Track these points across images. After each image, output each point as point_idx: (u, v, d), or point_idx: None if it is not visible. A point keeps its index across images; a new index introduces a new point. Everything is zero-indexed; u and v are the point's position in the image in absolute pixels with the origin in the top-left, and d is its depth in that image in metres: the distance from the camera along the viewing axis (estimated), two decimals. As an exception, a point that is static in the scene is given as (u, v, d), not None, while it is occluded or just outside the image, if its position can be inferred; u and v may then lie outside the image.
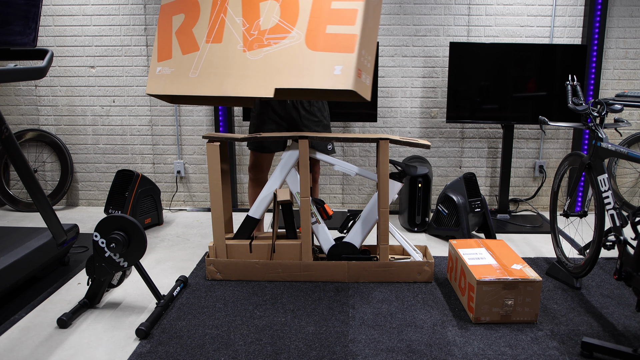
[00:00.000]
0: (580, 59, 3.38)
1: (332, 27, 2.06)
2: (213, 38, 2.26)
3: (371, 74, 2.10)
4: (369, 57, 2.07)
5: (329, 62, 2.02)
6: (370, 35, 2.09)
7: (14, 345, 2.03)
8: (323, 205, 2.64)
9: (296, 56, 2.07)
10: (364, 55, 2.03)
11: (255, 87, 2.09)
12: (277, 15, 2.17)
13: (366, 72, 2.06)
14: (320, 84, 2.01)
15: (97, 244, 2.17)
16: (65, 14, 3.76)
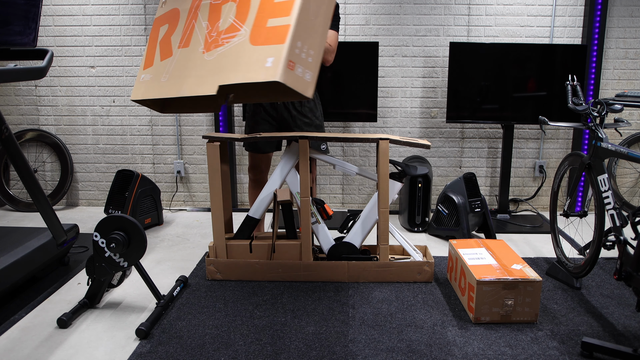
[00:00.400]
0: (580, 59, 3.38)
1: (272, 20, 2.02)
2: (184, 43, 2.29)
3: (313, 70, 1.98)
4: (312, 52, 1.97)
5: (263, 56, 1.96)
6: (314, 28, 1.99)
7: (14, 345, 2.03)
8: (323, 205, 2.64)
9: (240, 53, 2.05)
10: (299, 47, 1.94)
11: (205, 86, 2.07)
12: (232, 15, 2.17)
13: (304, 65, 1.96)
14: (253, 77, 1.95)
15: (97, 244, 2.17)
16: (65, 14, 3.76)
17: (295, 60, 1.94)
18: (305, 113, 2.79)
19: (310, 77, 1.99)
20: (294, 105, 2.77)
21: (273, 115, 2.80)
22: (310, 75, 1.99)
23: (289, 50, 1.90)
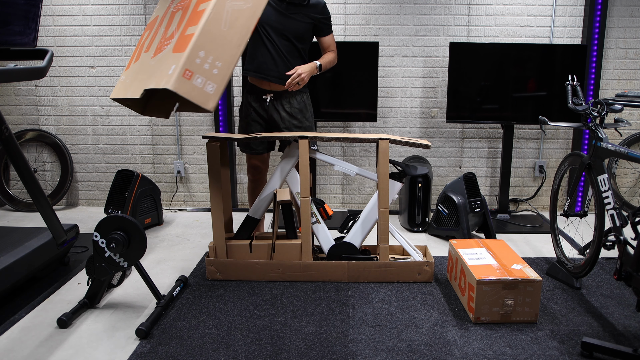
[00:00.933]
0: (580, 59, 3.38)
1: (189, 28, 2.02)
2: (146, 48, 2.31)
3: (218, 82, 1.94)
4: (219, 64, 1.94)
5: (171, 63, 1.96)
6: (225, 40, 1.96)
7: (14, 345, 2.03)
8: (323, 205, 2.64)
9: (163, 60, 2.05)
10: (202, 57, 1.92)
11: (138, 89, 2.08)
12: (176, 23, 2.18)
13: (206, 76, 1.93)
14: (156, 84, 1.95)
15: (97, 244, 2.17)
16: (65, 14, 3.76)
17: (194, 70, 1.90)
18: (294, 114, 2.79)
19: (213, 89, 1.94)
20: (283, 106, 2.78)
21: (263, 117, 2.80)
22: (214, 87, 1.94)
23: (186, 59, 1.89)
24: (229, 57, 1.95)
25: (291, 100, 2.78)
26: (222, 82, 1.96)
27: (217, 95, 1.96)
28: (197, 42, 1.91)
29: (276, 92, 2.75)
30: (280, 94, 2.76)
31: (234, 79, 3.79)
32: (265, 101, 2.75)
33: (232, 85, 3.79)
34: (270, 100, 2.75)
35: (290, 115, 2.78)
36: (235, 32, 1.97)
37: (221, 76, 1.95)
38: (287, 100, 2.77)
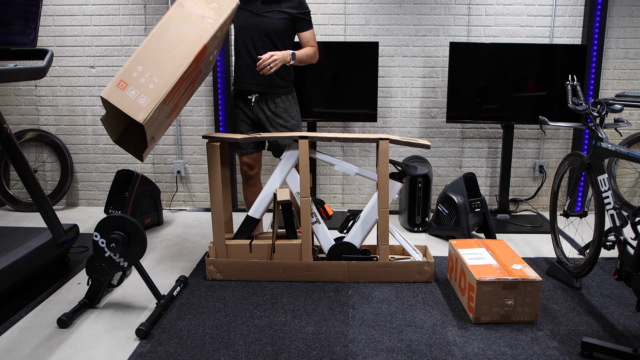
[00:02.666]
0: (580, 59, 3.38)
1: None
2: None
3: (152, 97, 2.01)
4: (156, 80, 2.02)
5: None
6: (166, 59, 2.04)
7: (14, 345, 2.03)
8: (323, 205, 2.64)
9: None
10: (139, 71, 2.01)
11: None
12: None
13: (140, 89, 2.00)
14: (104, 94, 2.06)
15: (97, 244, 2.17)
16: (65, 14, 3.76)
17: (129, 82, 2.00)
18: (279, 114, 2.79)
19: (146, 102, 2.01)
20: (269, 105, 2.78)
21: (249, 116, 2.81)
22: (147, 100, 2.01)
23: (123, 71, 2.00)
24: (167, 75, 2.04)
25: (276, 99, 2.78)
26: (157, 98, 2.03)
27: (149, 108, 2.02)
28: (136, 57, 2.03)
29: (261, 93, 2.76)
30: (265, 94, 2.77)
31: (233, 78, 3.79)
32: (251, 101, 2.76)
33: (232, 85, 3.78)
34: (255, 101, 2.76)
35: (275, 114, 2.78)
36: (178, 53, 2.05)
37: (156, 92, 2.03)
38: (272, 100, 2.77)
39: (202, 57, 2.18)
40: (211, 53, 2.40)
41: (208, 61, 2.49)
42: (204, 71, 2.67)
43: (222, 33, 2.32)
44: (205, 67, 2.55)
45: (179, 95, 2.39)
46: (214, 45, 2.33)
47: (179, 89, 2.23)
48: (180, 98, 2.49)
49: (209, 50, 2.24)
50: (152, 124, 2.21)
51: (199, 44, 2.08)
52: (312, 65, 3.42)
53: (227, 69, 3.71)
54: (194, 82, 2.57)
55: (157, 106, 2.03)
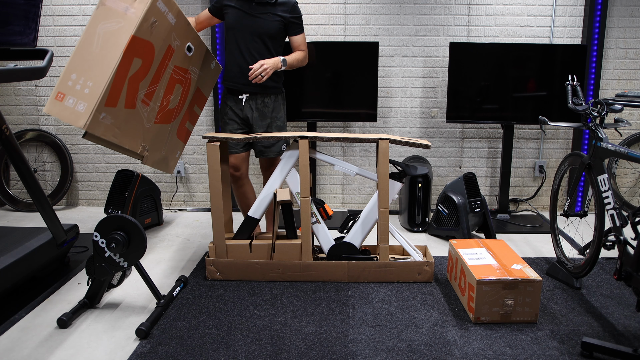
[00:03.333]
0: (580, 59, 3.38)
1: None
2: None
3: (89, 101, 2.00)
4: (90, 83, 2.01)
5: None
6: (96, 60, 2.03)
7: (14, 345, 2.03)
8: (323, 205, 2.64)
9: None
10: (74, 79, 2.00)
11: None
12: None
13: (77, 96, 2.00)
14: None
15: (97, 244, 2.17)
16: (65, 14, 3.76)
17: (66, 92, 2.00)
18: (265, 113, 2.80)
19: (84, 107, 2.01)
20: (257, 104, 2.79)
21: (239, 115, 2.82)
22: (84, 106, 2.01)
23: (59, 83, 2.00)
24: (99, 76, 2.02)
25: (265, 99, 2.79)
26: (94, 100, 2.02)
27: (88, 113, 2.01)
28: (69, 65, 2.02)
29: (251, 92, 2.77)
30: (255, 94, 2.78)
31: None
32: (242, 101, 2.77)
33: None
34: (246, 100, 2.77)
35: (261, 114, 2.80)
36: (107, 51, 2.03)
37: (92, 95, 2.02)
38: (261, 100, 2.79)
39: (141, 49, 2.12)
40: (172, 43, 2.33)
41: (184, 54, 2.45)
42: (200, 71, 2.66)
43: (168, 20, 2.24)
44: (190, 62, 2.52)
45: (159, 97, 2.37)
46: (163, 34, 2.24)
47: (137, 88, 2.19)
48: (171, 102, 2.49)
49: (153, 40, 2.17)
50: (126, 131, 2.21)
51: (125, 37, 2.03)
52: (312, 65, 3.41)
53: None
54: (184, 83, 2.55)
55: (95, 108, 2.00)
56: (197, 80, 2.69)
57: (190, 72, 2.61)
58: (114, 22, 2.05)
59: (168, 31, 2.29)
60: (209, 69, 2.78)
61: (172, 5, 2.25)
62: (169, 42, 2.32)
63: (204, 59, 2.68)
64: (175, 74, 2.49)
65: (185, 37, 2.44)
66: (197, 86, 2.71)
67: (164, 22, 2.24)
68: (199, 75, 2.69)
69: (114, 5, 2.06)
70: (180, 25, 2.34)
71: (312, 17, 3.69)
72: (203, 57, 2.66)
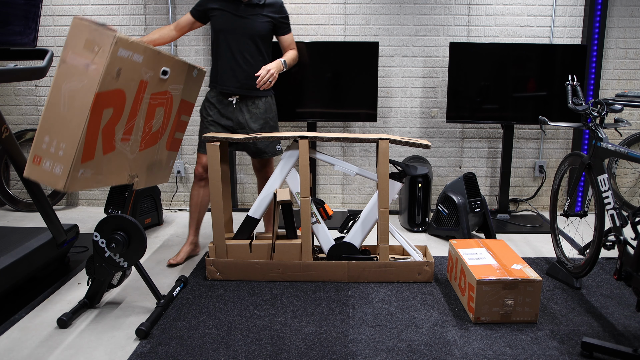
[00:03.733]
0: (580, 59, 3.38)
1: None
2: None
3: (65, 163, 2.01)
4: (63, 145, 2.01)
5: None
6: (65, 121, 2.02)
7: (14, 345, 2.03)
8: (323, 205, 2.64)
9: None
10: (47, 142, 2.02)
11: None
12: None
13: (53, 159, 2.02)
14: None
15: (97, 244, 2.17)
16: (65, 14, 3.76)
17: (42, 155, 2.02)
18: (257, 115, 2.78)
19: (61, 170, 2.03)
20: (248, 106, 2.77)
21: (228, 118, 2.78)
22: (61, 168, 2.03)
23: (34, 146, 2.02)
24: (71, 137, 2.03)
25: (256, 101, 2.78)
26: (69, 162, 2.03)
27: (65, 175, 2.03)
28: (40, 128, 2.03)
29: (242, 95, 2.75)
30: (245, 97, 2.76)
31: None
32: (232, 103, 2.75)
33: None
34: (236, 102, 2.75)
35: (255, 116, 2.78)
36: (74, 112, 2.02)
37: (67, 157, 2.03)
38: (252, 102, 2.77)
39: (110, 99, 2.10)
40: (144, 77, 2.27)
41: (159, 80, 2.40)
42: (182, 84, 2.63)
43: (134, 60, 2.17)
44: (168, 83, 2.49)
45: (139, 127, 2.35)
46: (132, 74, 2.19)
47: (114, 132, 2.20)
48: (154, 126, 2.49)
49: (122, 86, 2.14)
50: (109, 171, 2.23)
51: (90, 96, 2.00)
52: (312, 65, 3.41)
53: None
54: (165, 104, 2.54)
55: (72, 170, 2.02)
56: (181, 94, 2.64)
57: (169, 92, 2.57)
58: (76, 81, 2.01)
59: (137, 70, 2.23)
60: (192, 78, 2.72)
61: (136, 46, 2.16)
62: (141, 78, 2.28)
63: (183, 74, 2.62)
64: (153, 100, 2.45)
65: (158, 65, 2.37)
66: (181, 98, 2.67)
67: (130, 65, 2.17)
68: (182, 89, 2.65)
69: (74, 62, 2.01)
70: (148, 58, 2.27)
71: (312, 17, 3.69)
72: (182, 71, 2.60)
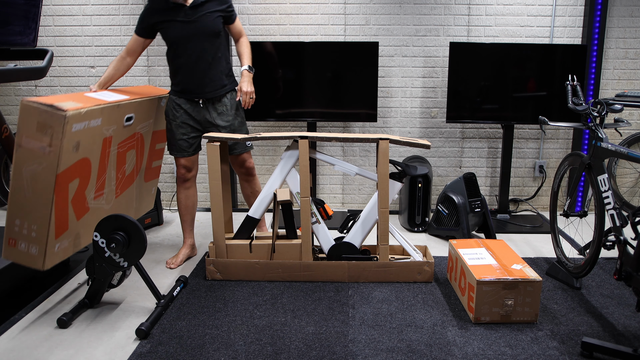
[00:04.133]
0: (580, 59, 3.38)
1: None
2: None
3: (39, 244, 2.04)
4: (34, 227, 2.04)
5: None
6: (33, 204, 2.03)
7: (14, 345, 2.03)
8: (323, 205, 2.64)
9: None
10: (18, 225, 2.05)
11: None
12: None
13: (27, 241, 2.05)
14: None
15: (97, 244, 2.17)
16: (65, 14, 3.76)
17: (16, 237, 2.06)
18: (224, 112, 2.76)
19: (37, 250, 2.06)
20: (215, 106, 2.74)
21: (195, 118, 2.75)
22: (37, 248, 2.06)
23: (6, 229, 2.05)
24: (40, 219, 2.05)
25: (222, 99, 2.75)
26: (43, 242, 2.05)
27: (41, 255, 2.06)
28: (9, 212, 2.05)
29: (208, 97, 2.72)
30: (211, 97, 2.72)
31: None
32: (199, 103, 2.72)
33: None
34: (203, 103, 2.72)
35: (222, 114, 2.75)
36: (39, 195, 2.04)
37: (40, 238, 2.05)
38: (218, 100, 2.74)
39: (73, 171, 2.11)
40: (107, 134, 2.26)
41: (124, 128, 2.39)
42: (152, 119, 2.63)
43: (92, 126, 2.13)
44: (135, 126, 2.49)
45: (111, 178, 2.37)
46: (93, 139, 2.17)
47: (84, 196, 2.22)
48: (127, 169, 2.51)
49: (84, 155, 2.13)
50: (88, 229, 2.30)
51: (51, 177, 2.01)
52: (312, 65, 3.41)
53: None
54: (136, 144, 2.57)
55: (47, 248, 2.05)
56: (152, 127, 2.61)
57: (138, 133, 2.55)
58: (35, 164, 2.01)
59: (97, 133, 2.21)
60: (161, 108, 2.69)
61: (90, 114, 2.12)
62: (103, 137, 2.26)
63: (151, 109, 2.59)
64: (121, 148, 2.43)
65: (119, 118, 2.35)
66: (153, 130, 2.65)
67: (89, 132, 2.15)
68: (152, 123, 2.61)
69: (30, 146, 2.00)
70: (108, 117, 2.25)
71: (312, 17, 3.69)
72: (149, 107, 2.57)
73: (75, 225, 2.22)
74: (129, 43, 2.70)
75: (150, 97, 2.61)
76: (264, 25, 3.70)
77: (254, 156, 3.91)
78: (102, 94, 2.38)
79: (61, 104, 1.99)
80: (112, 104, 2.26)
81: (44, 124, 1.97)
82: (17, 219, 2.04)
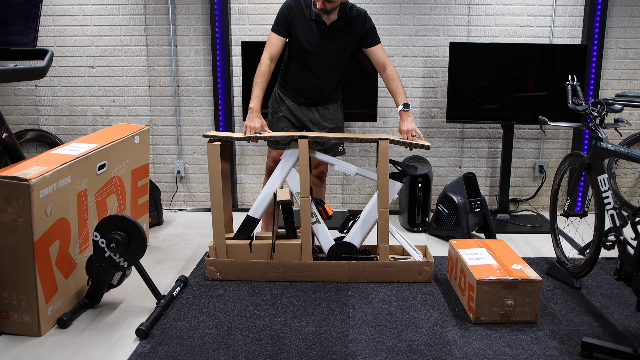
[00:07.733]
0: (580, 59, 3.38)
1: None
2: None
3: (32, 313, 2.06)
4: (22, 297, 2.05)
5: None
6: (14, 277, 2.04)
7: (14, 346, 2.03)
8: (323, 205, 2.64)
9: None
10: (7, 297, 2.06)
11: None
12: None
13: (19, 311, 2.06)
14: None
15: (97, 244, 2.17)
16: (65, 14, 3.76)
17: (7, 309, 2.08)
18: (326, 116, 2.85)
19: (30, 319, 2.07)
20: (317, 108, 2.84)
21: (296, 116, 2.84)
22: (29, 317, 2.07)
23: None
24: (26, 288, 2.06)
25: (328, 105, 2.86)
26: (34, 310, 2.06)
27: (35, 323, 2.07)
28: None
29: (318, 104, 2.85)
30: (317, 103, 2.84)
31: (233, 78, 3.79)
32: (305, 103, 2.82)
33: (232, 85, 3.79)
34: (306, 104, 2.84)
35: (324, 117, 2.84)
36: (21, 266, 2.04)
37: (30, 306, 2.06)
38: (323, 106, 2.84)
39: (52, 234, 2.10)
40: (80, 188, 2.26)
41: (98, 177, 2.38)
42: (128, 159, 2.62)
43: (62, 186, 2.12)
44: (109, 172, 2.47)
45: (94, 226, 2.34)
46: (66, 197, 2.16)
47: (69, 254, 2.22)
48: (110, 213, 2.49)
49: (60, 215, 2.13)
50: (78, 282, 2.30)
51: (29, 248, 2.01)
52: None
53: (227, 69, 3.70)
54: (116, 188, 2.56)
55: (40, 315, 2.06)
56: (129, 167, 2.60)
57: (115, 177, 2.54)
58: (11, 237, 2.01)
59: (69, 190, 2.20)
60: (136, 146, 2.66)
61: (57, 175, 2.09)
62: (77, 192, 2.25)
63: (125, 150, 2.57)
64: (99, 196, 2.42)
65: (90, 169, 2.33)
66: (131, 170, 2.63)
67: (60, 193, 2.14)
68: (129, 162, 2.59)
69: (1, 220, 1.99)
70: (77, 172, 2.23)
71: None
72: (124, 148, 2.55)
73: (65, 284, 2.23)
74: (270, 47, 2.63)
75: (121, 139, 2.58)
76: (264, 26, 3.70)
77: (254, 156, 3.92)
78: (69, 148, 2.36)
79: (24, 172, 1.99)
80: (80, 158, 2.26)
81: (9, 197, 1.96)
82: (4, 292, 2.06)
